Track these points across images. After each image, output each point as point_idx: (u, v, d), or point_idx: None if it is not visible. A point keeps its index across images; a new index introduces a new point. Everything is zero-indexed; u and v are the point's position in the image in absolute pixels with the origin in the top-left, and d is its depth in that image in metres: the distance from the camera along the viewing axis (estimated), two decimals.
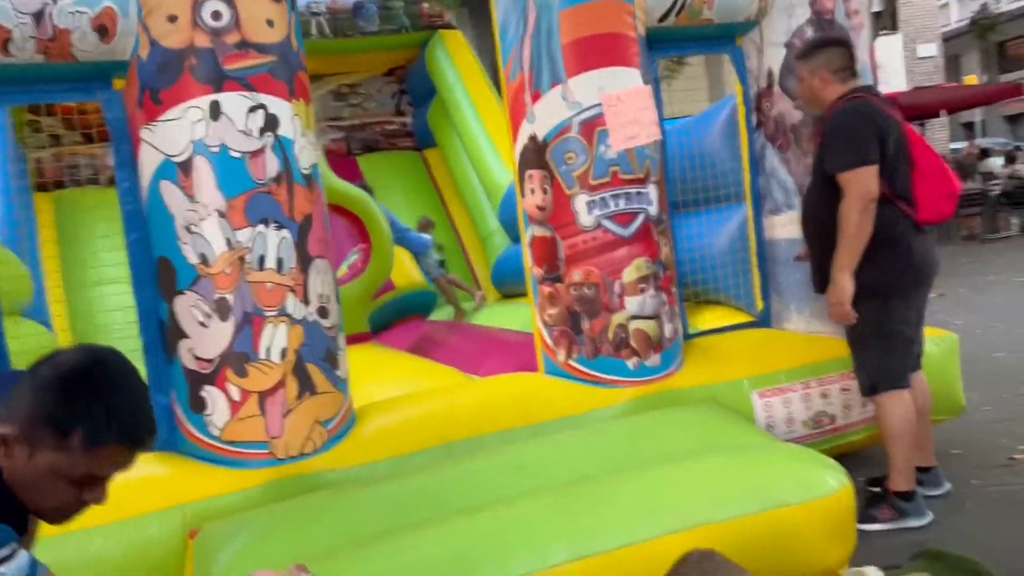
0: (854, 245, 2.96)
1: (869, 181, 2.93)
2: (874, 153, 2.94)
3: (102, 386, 1.29)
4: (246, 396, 2.83)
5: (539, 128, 3.28)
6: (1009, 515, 3.02)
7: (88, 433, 1.26)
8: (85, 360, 1.32)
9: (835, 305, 3.04)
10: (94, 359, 1.33)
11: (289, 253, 2.87)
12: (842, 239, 2.97)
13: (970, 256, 10.90)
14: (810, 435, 3.43)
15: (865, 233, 2.95)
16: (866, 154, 2.94)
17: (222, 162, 2.80)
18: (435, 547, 2.31)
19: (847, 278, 2.99)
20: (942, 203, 3.06)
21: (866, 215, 2.93)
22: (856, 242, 2.95)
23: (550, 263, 3.35)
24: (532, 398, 3.30)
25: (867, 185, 2.93)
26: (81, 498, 1.30)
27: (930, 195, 3.03)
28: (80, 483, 1.28)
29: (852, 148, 2.95)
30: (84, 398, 1.27)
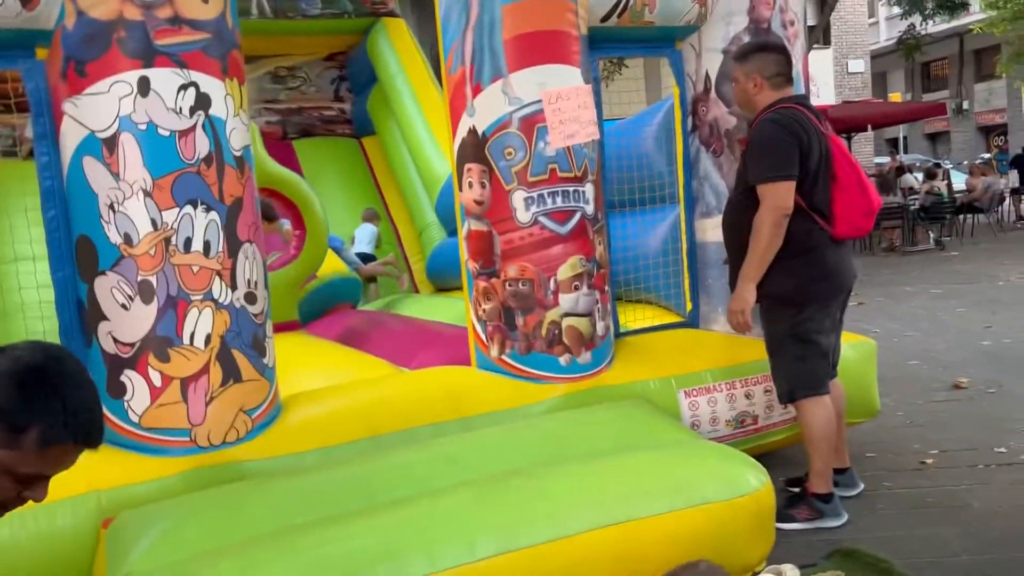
0: (762, 257, 3.03)
1: (785, 196, 2.99)
2: (793, 168, 3.00)
3: (59, 384, 1.25)
4: (168, 382, 2.75)
5: (479, 122, 3.26)
6: (918, 516, 3.14)
7: (44, 431, 1.23)
8: (41, 357, 1.28)
9: (734, 313, 3.12)
10: (49, 356, 1.29)
11: (217, 236, 2.79)
12: (751, 250, 3.04)
13: (889, 267, 11.31)
14: (733, 434, 3.51)
15: (774, 246, 3.02)
16: (785, 168, 3.00)
17: (150, 140, 2.71)
18: (361, 539, 2.28)
19: (750, 289, 3.06)
20: (861, 219, 3.14)
21: (777, 229, 3.00)
22: (765, 254, 3.02)
23: (486, 258, 3.34)
24: (464, 392, 3.29)
25: (782, 200, 2.99)
26: (22, 495, 1.26)
27: (850, 211, 3.11)
28: (24, 480, 1.24)
29: (772, 161, 3.01)
30: (42, 396, 1.23)
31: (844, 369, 3.59)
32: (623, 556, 2.39)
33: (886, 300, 8.39)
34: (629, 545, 2.40)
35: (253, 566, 2.14)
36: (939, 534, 2.98)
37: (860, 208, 3.12)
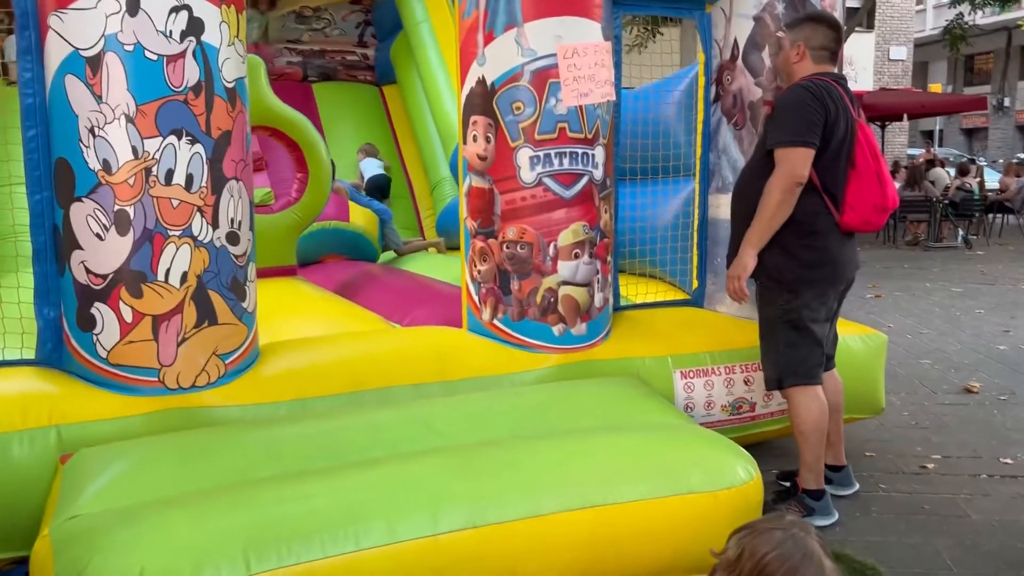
0: (767, 223, 2.88)
1: (801, 163, 2.83)
2: (814, 136, 2.84)
3: None
4: (139, 318, 2.63)
5: (489, 72, 3.09)
6: (912, 524, 3.01)
7: None
8: None
9: (732, 278, 2.98)
10: None
11: (200, 170, 2.66)
12: (758, 215, 2.89)
13: (910, 262, 11.06)
14: (728, 420, 3.37)
15: (782, 215, 2.87)
16: (806, 135, 2.83)
17: (136, 63, 2.56)
18: (320, 500, 2.16)
19: (751, 255, 2.92)
20: (872, 213, 2.96)
21: (788, 196, 2.85)
22: (772, 221, 2.88)
23: (485, 217, 3.19)
24: (450, 354, 3.17)
25: (798, 167, 2.83)
26: None
27: (862, 201, 2.94)
28: None
29: (794, 126, 2.85)
30: None
31: (851, 361, 3.44)
32: (595, 541, 2.27)
33: (903, 295, 8.18)
34: (603, 530, 2.27)
35: (204, 518, 2.03)
36: (931, 544, 2.84)
37: (873, 201, 2.95)
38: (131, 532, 1.94)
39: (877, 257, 11.29)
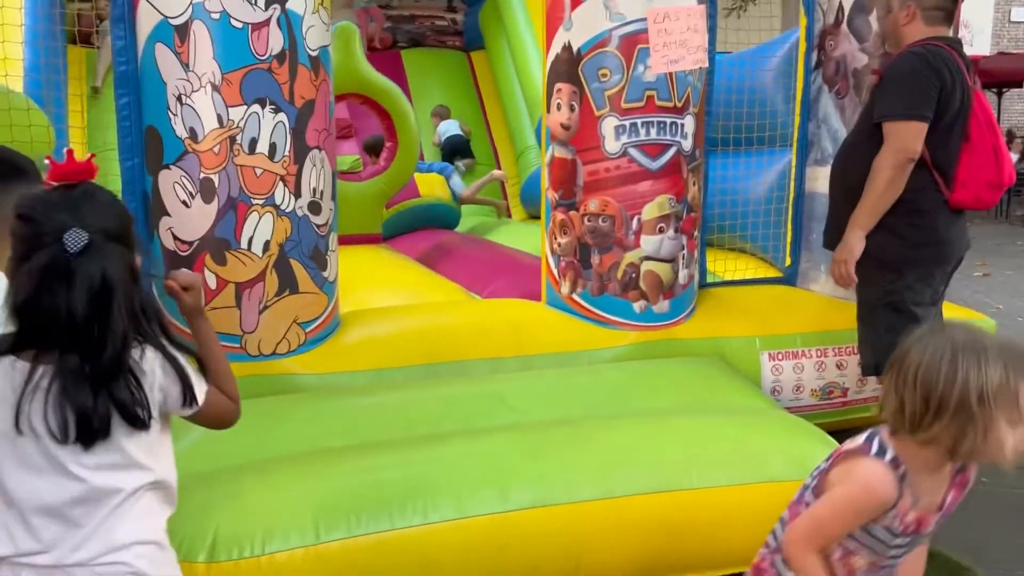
0: (878, 204, 2.68)
1: (913, 138, 2.62)
2: (928, 109, 2.62)
3: None
4: (223, 285, 2.68)
5: (575, 37, 2.99)
6: (1016, 522, 2.82)
7: None
8: None
9: (839, 263, 2.79)
10: None
11: (284, 139, 2.66)
12: (866, 194, 2.69)
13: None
14: (817, 405, 3.23)
15: (893, 193, 2.66)
16: (920, 108, 2.62)
17: (222, 31, 2.58)
18: (394, 471, 2.17)
19: (859, 237, 2.73)
20: (985, 190, 2.73)
21: (900, 173, 2.64)
22: (881, 201, 2.68)
23: (567, 188, 3.11)
24: (527, 329, 3.12)
25: (910, 142, 2.62)
26: None
27: (974, 178, 2.71)
28: None
29: (907, 97, 2.63)
30: None
31: None
32: (668, 526, 2.19)
33: (1015, 274, 7.69)
34: (676, 515, 2.20)
35: (276, 486, 2.06)
36: None
37: (987, 177, 2.72)
38: (206, 496, 1.97)
39: (987, 233, 10.65)
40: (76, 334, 1.30)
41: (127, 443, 1.36)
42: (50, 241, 1.28)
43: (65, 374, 1.30)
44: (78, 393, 1.29)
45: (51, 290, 1.28)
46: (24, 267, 1.29)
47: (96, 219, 1.33)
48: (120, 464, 1.36)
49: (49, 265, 1.28)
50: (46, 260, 1.28)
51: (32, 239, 1.30)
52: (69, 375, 1.30)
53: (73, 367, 1.30)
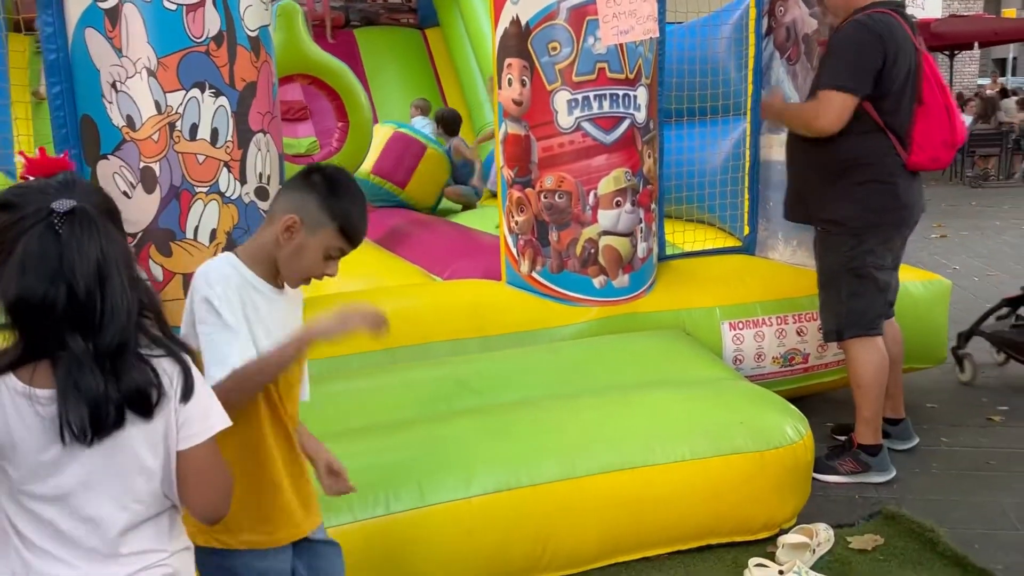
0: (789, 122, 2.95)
1: (837, 111, 2.66)
2: (862, 83, 2.65)
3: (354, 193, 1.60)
4: (169, 277, 2.60)
5: (523, 11, 2.93)
6: (976, 480, 2.85)
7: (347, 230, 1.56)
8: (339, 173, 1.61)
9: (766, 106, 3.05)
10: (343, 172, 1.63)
11: (226, 124, 2.58)
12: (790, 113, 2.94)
13: (978, 199, 10.56)
14: (779, 372, 3.24)
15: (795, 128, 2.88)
16: (853, 80, 2.64)
17: (155, 13, 2.48)
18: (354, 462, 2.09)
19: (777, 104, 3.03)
20: (941, 150, 2.75)
21: (806, 132, 2.80)
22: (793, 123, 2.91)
23: (522, 165, 3.06)
24: (488, 309, 3.08)
25: (833, 114, 2.66)
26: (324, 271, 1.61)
27: (930, 139, 2.73)
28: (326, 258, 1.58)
29: (843, 69, 2.66)
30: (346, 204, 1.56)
31: (912, 309, 3.26)
32: (633, 503, 2.19)
33: (971, 234, 7.80)
34: (642, 492, 2.20)
35: None
36: (996, 502, 2.69)
37: (943, 137, 2.73)
38: None
39: (943, 195, 10.81)
40: (76, 315, 1.16)
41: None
42: (35, 220, 1.15)
43: (72, 363, 1.15)
44: (87, 378, 1.14)
45: (44, 270, 1.14)
46: (11, 256, 1.15)
47: (83, 196, 1.22)
48: None
49: (39, 242, 1.14)
50: (36, 236, 1.14)
51: (16, 224, 1.16)
52: (75, 362, 1.15)
53: (79, 351, 1.15)
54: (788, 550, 2.30)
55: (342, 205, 1.54)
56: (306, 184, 1.56)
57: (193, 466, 1.24)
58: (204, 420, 1.25)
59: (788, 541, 2.31)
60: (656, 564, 2.31)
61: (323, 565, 1.64)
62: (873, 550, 2.38)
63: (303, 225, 1.52)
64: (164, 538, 1.27)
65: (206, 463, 1.25)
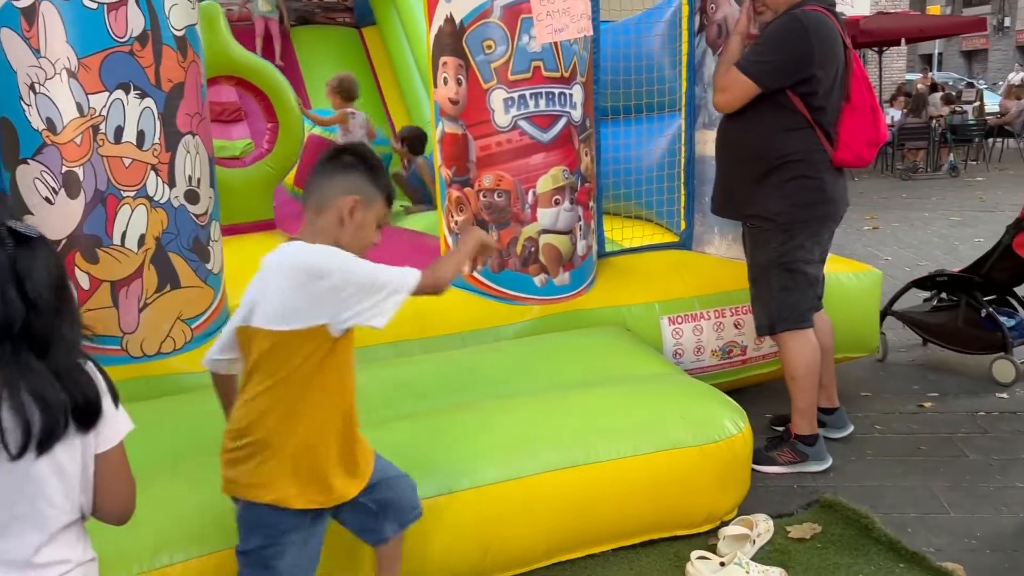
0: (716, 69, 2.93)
1: (739, 96, 2.74)
2: (772, 81, 2.71)
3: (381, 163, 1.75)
4: (96, 285, 2.52)
5: (457, 9, 2.91)
6: (908, 466, 2.93)
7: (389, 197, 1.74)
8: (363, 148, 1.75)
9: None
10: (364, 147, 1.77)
11: (152, 126, 2.51)
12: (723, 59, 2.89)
13: (908, 191, 10.87)
14: (718, 365, 3.28)
15: None
16: (766, 75, 2.70)
17: (74, 12, 2.39)
18: None
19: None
20: (865, 149, 2.82)
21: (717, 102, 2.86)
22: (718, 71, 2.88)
23: (460, 164, 3.05)
24: (429, 310, 3.03)
25: (733, 95, 2.75)
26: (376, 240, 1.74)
27: (856, 137, 2.79)
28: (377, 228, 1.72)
29: (763, 59, 2.72)
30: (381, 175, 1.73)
31: (844, 299, 3.33)
32: (577, 502, 2.19)
33: (902, 226, 8.03)
34: (584, 490, 2.19)
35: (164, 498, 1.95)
36: (927, 486, 2.77)
37: (868, 136, 2.80)
38: None
39: (875, 188, 11.12)
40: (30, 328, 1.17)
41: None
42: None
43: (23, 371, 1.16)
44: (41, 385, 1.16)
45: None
46: None
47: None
48: None
49: None
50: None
51: None
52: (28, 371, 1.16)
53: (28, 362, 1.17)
54: (729, 542, 2.33)
55: (381, 178, 1.72)
56: (347, 166, 1.67)
57: (109, 468, 1.29)
58: (117, 421, 1.29)
59: (729, 533, 2.35)
60: (600, 560, 2.32)
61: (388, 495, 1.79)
62: (811, 538, 2.42)
63: (360, 203, 1.65)
64: (75, 548, 1.29)
65: (120, 465, 1.31)
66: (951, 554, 2.35)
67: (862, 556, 2.32)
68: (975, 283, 3.81)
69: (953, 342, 3.85)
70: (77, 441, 1.23)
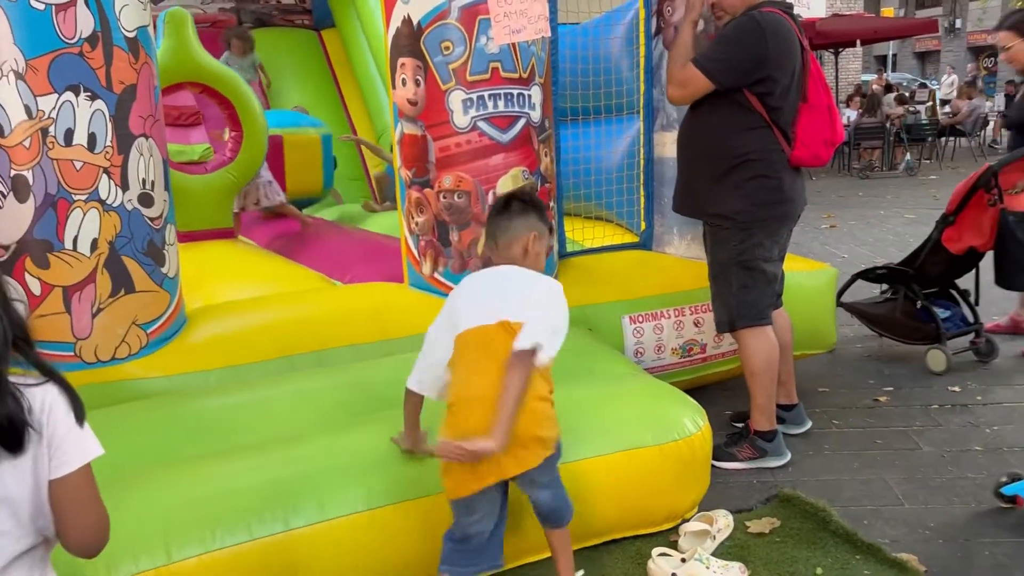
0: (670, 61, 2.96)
1: (693, 90, 2.79)
2: (728, 79, 2.75)
3: None
4: (48, 290, 2.47)
5: (414, 10, 2.90)
6: (864, 460, 2.98)
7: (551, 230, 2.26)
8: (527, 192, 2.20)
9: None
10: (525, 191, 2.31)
11: (104, 128, 2.46)
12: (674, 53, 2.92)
13: (865, 189, 11.08)
14: (679, 363, 3.31)
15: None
16: (720, 72, 2.74)
17: (21, 12, 2.34)
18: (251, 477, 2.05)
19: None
20: (821, 149, 2.87)
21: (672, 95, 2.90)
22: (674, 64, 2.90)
23: (419, 166, 3.04)
24: (390, 312, 3.04)
25: (688, 89, 2.80)
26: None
27: (813, 137, 2.84)
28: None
29: (717, 56, 2.76)
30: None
31: (801, 298, 3.38)
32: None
33: (858, 223, 8.18)
34: None
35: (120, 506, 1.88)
36: (883, 479, 2.82)
37: (824, 135, 2.85)
38: None
39: (832, 187, 11.31)
40: None
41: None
42: None
43: None
44: None
45: None
46: None
47: None
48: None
49: None
50: None
51: None
52: None
53: None
54: (690, 538, 2.36)
55: (545, 214, 2.12)
56: (523, 207, 2.06)
57: (67, 496, 1.18)
58: (79, 446, 1.19)
59: (689, 529, 2.37)
60: None
61: None
62: (770, 533, 2.46)
63: (539, 236, 2.05)
64: (37, 573, 1.21)
65: (81, 492, 1.20)
66: (905, 545, 2.40)
67: (820, 549, 2.36)
68: (910, 276, 3.96)
69: (894, 332, 4.02)
70: (25, 463, 1.15)
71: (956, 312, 4.01)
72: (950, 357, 3.78)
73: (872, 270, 4.24)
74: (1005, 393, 3.57)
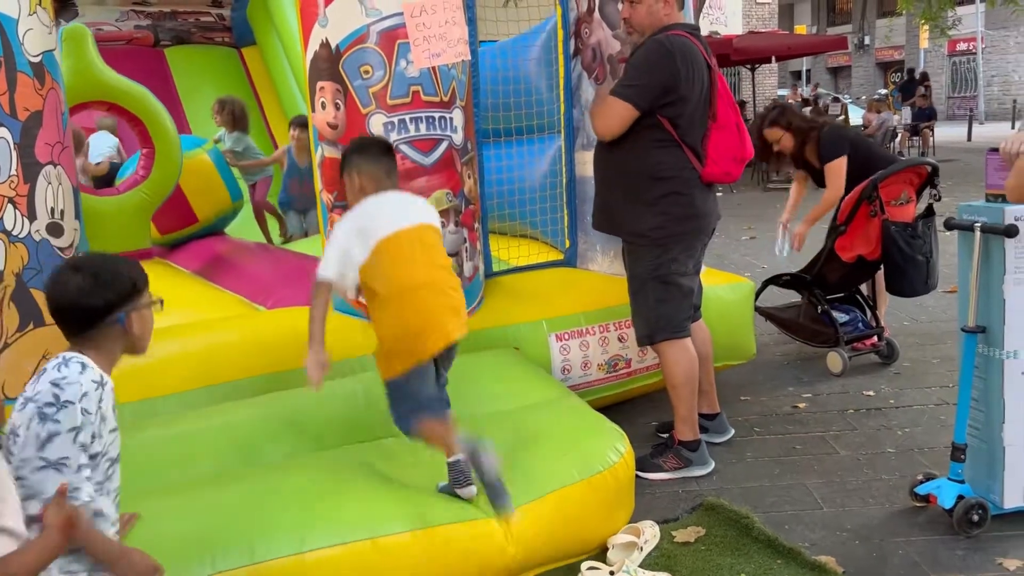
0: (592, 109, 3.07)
1: (619, 121, 2.84)
2: (645, 101, 2.82)
3: None
4: None
5: (332, 34, 2.90)
6: (785, 466, 3.08)
7: None
8: None
9: None
10: None
11: (8, 157, 2.39)
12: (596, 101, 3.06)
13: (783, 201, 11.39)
14: (605, 379, 3.36)
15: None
16: (639, 97, 2.81)
17: None
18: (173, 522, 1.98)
19: None
20: (731, 165, 2.97)
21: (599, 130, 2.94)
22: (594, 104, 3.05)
23: (341, 189, 3.00)
24: None
25: (613, 121, 2.85)
26: None
27: (722, 154, 2.94)
28: None
29: (634, 82, 2.83)
30: None
31: (720, 311, 3.47)
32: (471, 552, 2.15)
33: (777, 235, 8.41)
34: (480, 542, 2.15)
35: None
36: (802, 484, 2.92)
37: (734, 153, 2.95)
38: None
39: (751, 200, 11.62)
40: None
41: None
42: None
43: None
44: None
45: None
46: None
47: None
48: None
49: None
50: None
51: None
52: None
53: None
54: (618, 550, 2.39)
55: None
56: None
57: None
58: None
59: (617, 541, 2.40)
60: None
61: None
62: (696, 541, 2.51)
63: None
64: None
65: None
66: (824, 547, 2.48)
67: (743, 556, 2.42)
68: (810, 282, 4.15)
69: (799, 335, 4.26)
70: None
71: (856, 316, 4.21)
72: (846, 360, 3.98)
73: (779, 277, 4.42)
74: (915, 396, 3.73)
